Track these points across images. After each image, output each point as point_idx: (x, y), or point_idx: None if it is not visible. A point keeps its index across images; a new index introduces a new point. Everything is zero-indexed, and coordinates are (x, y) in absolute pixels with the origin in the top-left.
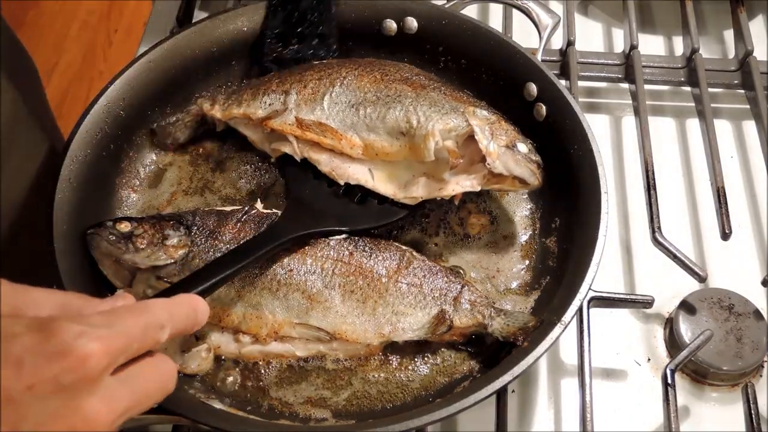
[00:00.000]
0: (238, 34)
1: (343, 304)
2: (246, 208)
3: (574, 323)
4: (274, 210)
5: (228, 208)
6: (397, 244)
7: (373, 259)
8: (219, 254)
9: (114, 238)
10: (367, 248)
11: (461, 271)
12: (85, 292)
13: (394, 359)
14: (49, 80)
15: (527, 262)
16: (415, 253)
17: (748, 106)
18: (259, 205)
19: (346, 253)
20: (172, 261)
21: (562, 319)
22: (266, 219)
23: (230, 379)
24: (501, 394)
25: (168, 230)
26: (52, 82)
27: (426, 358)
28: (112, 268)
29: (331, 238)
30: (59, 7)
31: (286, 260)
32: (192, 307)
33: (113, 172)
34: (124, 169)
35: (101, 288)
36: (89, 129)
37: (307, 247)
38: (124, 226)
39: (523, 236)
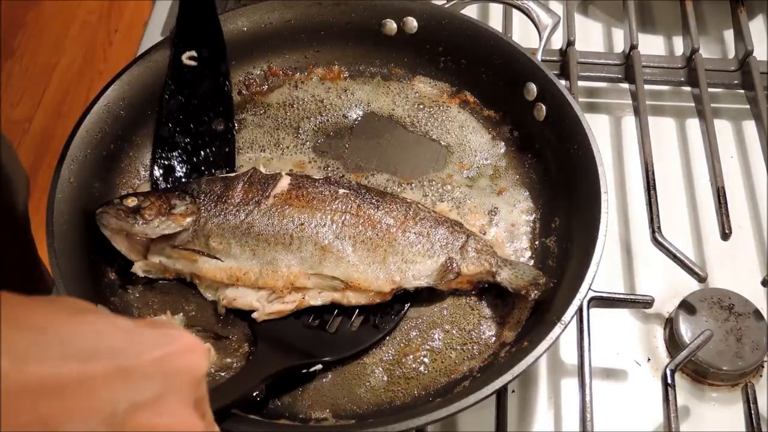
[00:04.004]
0: (238, 34)
1: (355, 254)
2: (250, 172)
3: (574, 323)
4: (277, 171)
5: (231, 174)
6: (402, 197)
7: (381, 210)
8: (230, 217)
9: (123, 212)
10: (374, 200)
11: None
12: (85, 293)
13: (395, 359)
14: (49, 80)
15: (527, 262)
16: (420, 205)
17: (748, 106)
18: (261, 168)
19: (354, 206)
20: (182, 228)
21: (562, 319)
22: (271, 180)
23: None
24: (501, 394)
25: (174, 200)
26: (52, 82)
27: (426, 358)
28: (125, 243)
29: (338, 192)
30: (59, 7)
31: (296, 216)
32: None
33: (113, 172)
34: (124, 169)
35: (101, 289)
36: (89, 129)
37: (315, 202)
38: (131, 201)
39: (523, 236)
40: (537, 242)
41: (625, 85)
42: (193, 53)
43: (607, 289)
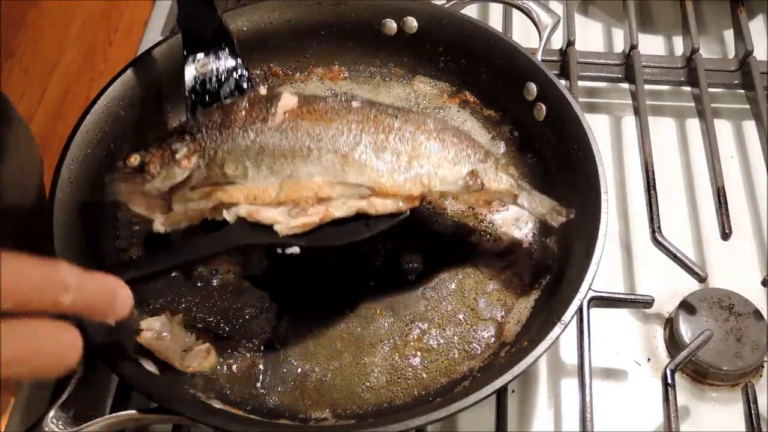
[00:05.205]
0: (238, 34)
1: (379, 160)
2: (248, 93)
3: (574, 323)
4: (279, 91)
5: (228, 100)
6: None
7: (400, 120)
8: (239, 140)
9: (130, 174)
10: (390, 110)
11: None
12: None
13: (395, 358)
14: (49, 80)
15: (527, 261)
16: (440, 118)
17: (748, 106)
18: (261, 89)
19: (371, 115)
20: (190, 170)
21: (562, 318)
22: (274, 99)
23: (231, 378)
24: (501, 394)
25: (175, 144)
26: (52, 82)
27: (426, 358)
28: (142, 203)
29: (351, 104)
30: (59, 7)
31: (310, 128)
32: (110, 289)
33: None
34: None
35: None
36: (89, 129)
37: (329, 114)
38: (134, 159)
39: (523, 236)
40: (537, 242)
41: (625, 85)
42: (205, 60)
43: (607, 289)
